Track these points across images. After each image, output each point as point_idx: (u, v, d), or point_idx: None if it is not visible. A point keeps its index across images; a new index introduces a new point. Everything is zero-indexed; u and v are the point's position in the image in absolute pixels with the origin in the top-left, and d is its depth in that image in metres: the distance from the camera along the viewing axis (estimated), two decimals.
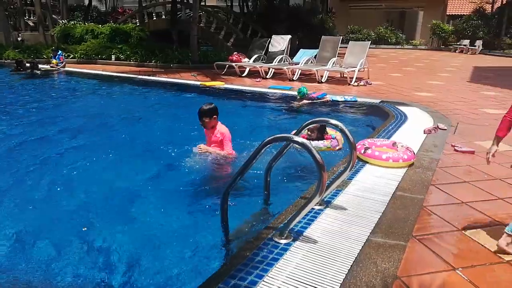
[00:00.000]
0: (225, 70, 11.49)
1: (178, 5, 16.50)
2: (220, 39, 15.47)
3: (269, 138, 2.42)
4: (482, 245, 2.42)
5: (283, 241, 2.37)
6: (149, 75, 11.14)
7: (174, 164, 4.12)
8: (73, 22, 18.58)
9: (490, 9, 28.81)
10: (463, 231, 2.58)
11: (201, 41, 15.80)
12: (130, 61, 14.27)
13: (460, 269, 2.16)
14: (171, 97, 8.89)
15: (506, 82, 10.46)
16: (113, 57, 14.68)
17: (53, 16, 21.23)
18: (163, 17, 18.66)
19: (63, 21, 18.69)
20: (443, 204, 3.00)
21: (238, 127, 5.93)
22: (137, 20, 18.93)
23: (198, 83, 9.43)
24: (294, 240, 2.38)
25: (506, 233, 2.30)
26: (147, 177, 3.82)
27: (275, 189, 3.35)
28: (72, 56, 14.93)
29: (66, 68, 12.94)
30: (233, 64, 11.11)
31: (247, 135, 5.14)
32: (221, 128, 4.09)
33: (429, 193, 3.17)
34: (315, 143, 4.44)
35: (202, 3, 20.40)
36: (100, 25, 17.42)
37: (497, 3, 28.31)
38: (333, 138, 4.61)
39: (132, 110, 7.33)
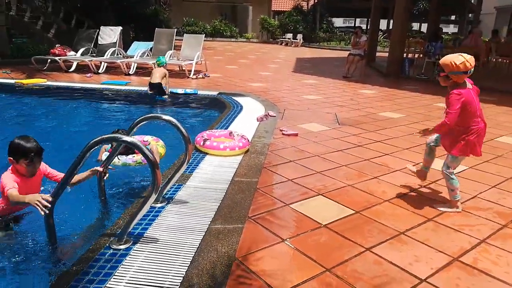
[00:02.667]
0: (47, 65, 10.12)
1: None
2: (38, 30, 13.52)
3: (95, 140, 2.24)
4: (305, 215, 2.78)
5: (122, 247, 2.25)
6: None
7: None
8: None
9: (306, 6, 33.03)
10: (290, 205, 2.92)
11: (14, 33, 13.50)
12: None
13: (288, 239, 2.44)
14: None
15: (321, 71, 12.20)
16: None
17: None
18: None
19: None
20: (273, 183, 3.33)
21: (68, 129, 5.37)
22: None
23: (13, 81, 8.08)
24: (134, 244, 2.29)
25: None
26: None
27: (112, 194, 3.16)
28: None
29: None
30: (57, 58, 9.86)
31: (81, 137, 4.68)
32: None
33: (262, 175, 3.47)
34: (123, 158, 3.79)
35: None
36: None
37: (311, 1, 32.66)
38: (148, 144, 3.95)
39: None
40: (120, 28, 10.97)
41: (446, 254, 2.35)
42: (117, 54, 10.54)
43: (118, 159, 3.73)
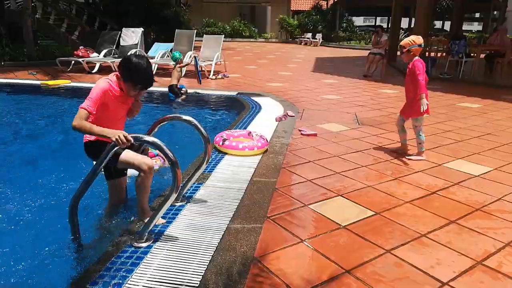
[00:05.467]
0: (71, 66, 10.40)
1: None
2: (63, 32, 13.89)
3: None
4: (324, 216, 2.76)
5: (143, 244, 2.29)
6: None
7: (12, 175, 3.58)
8: None
9: (326, 5, 32.78)
10: (309, 206, 2.91)
11: (40, 35, 13.91)
12: None
13: (306, 240, 2.44)
14: (5, 100, 7.64)
15: (341, 71, 12.09)
16: None
17: None
18: None
19: None
20: (292, 184, 3.32)
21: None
22: None
23: (39, 82, 8.32)
24: (154, 242, 2.33)
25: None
26: None
27: (133, 193, 3.21)
28: None
29: None
30: (80, 59, 10.12)
31: None
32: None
33: (281, 175, 3.47)
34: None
35: None
36: None
37: (330, 0, 32.41)
38: (156, 155, 3.88)
39: None
40: (141, 29, 11.16)
41: (469, 257, 2.30)
42: None
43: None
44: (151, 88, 2.84)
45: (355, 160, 3.96)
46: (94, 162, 2.45)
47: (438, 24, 37.75)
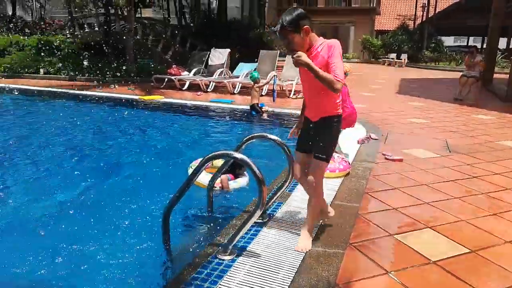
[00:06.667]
0: (164, 83, 11.30)
1: (112, 16, 16.00)
2: (158, 52, 15.22)
3: (210, 155, 2.44)
4: (411, 248, 2.61)
5: (227, 258, 2.37)
6: (82, 90, 10.63)
7: (110, 183, 3.96)
8: None
9: (412, 25, 31.45)
10: (394, 236, 2.77)
11: (138, 54, 15.40)
12: (60, 74, 13.52)
13: (392, 272, 2.31)
14: (107, 112, 8.53)
15: (429, 93, 11.42)
16: (41, 71, 13.81)
17: None
18: (96, 28, 17.95)
19: None
20: (376, 211, 3.20)
21: (179, 141, 5.88)
22: (67, 32, 17.98)
23: (136, 97, 9.17)
24: (238, 256, 2.40)
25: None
26: (75, 195, 3.64)
27: (217, 204, 3.35)
28: None
29: None
30: (173, 77, 10.97)
31: (189, 150, 5.10)
32: (325, 42, 2.37)
33: (364, 201, 3.36)
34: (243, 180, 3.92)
35: (138, 15, 19.93)
36: (26, 37, 16.33)
37: (418, 19, 31.03)
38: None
39: (64, 126, 6.92)
40: (228, 50, 11.76)
41: None
42: (224, 74, 11.28)
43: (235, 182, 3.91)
44: (234, 106, 2.97)
45: (445, 190, 3.68)
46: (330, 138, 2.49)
47: None
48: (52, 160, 4.86)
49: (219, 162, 3.47)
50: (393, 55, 27.45)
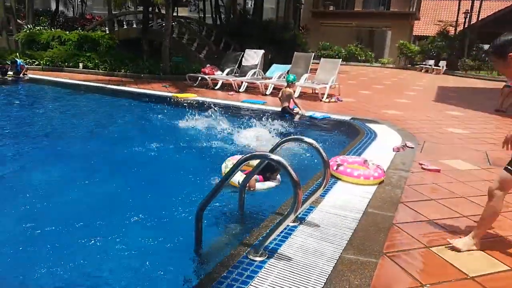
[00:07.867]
0: (197, 82, 11.47)
1: (150, 14, 16.41)
2: (193, 51, 15.46)
3: (245, 156, 2.44)
4: (448, 261, 2.51)
5: (258, 259, 2.37)
6: (118, 85, 10.95)
7: (145, 179, 4.05)
8: (38, 27, 17.98)
9: (453, 32, 30.39)
10: (430, 248, 2.68)
11: (173, 52, 15.71)
12: (98, 69, 14.01)
13: (428, 285, 2.24)
14: (142, 108, 8.74)
15: (468, 103, 11.01)
16: (80, 65, 14.36)
17: (18, 20, 20.46)
18: (134, 26, 18.45)
19: (28, 26, 18.08)
20: (411, 221, 3.10)
21: (211, 140, 5.92)
22: (106, 28, 18.58)
23: (170, 94, 9.35)
24: (268, 258, 2.39)
25: None
26: (112, 193, 3.73)
27: (249, 205, 3.36)
28: (37, 63, 14.46)
29: (31, 75, 12.43)
30: (206, 76, 11.11)
31: (220, 150, 5.14)
32: None
33: (398, 210, 3.27)
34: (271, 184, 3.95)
35: (175, 14, 20.33)
36: (68, 32, 17.00)
37: (460, 26, 29.94)
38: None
39: (101, 120, 7.16)
40: (262, 51, 11.80)
41: None
42: (257, 75, 11.32)
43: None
44: (265, 107, 2.96)
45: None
46: None
47: None
48: (98, 154, 5.00)
49: (253, 162, 3.48)
50: (431, 62, 26.65)
